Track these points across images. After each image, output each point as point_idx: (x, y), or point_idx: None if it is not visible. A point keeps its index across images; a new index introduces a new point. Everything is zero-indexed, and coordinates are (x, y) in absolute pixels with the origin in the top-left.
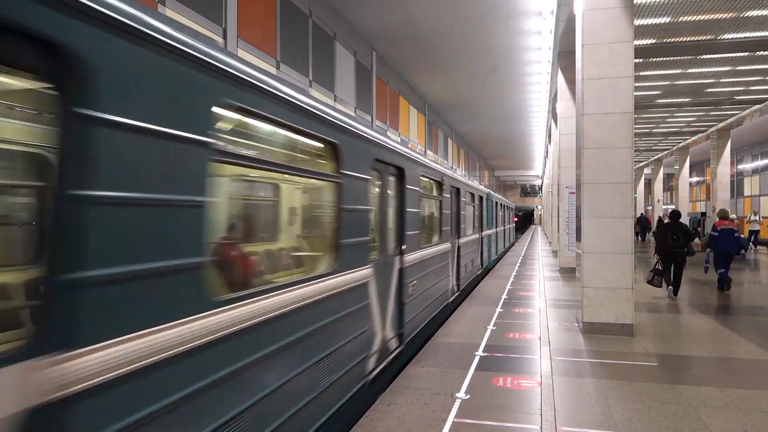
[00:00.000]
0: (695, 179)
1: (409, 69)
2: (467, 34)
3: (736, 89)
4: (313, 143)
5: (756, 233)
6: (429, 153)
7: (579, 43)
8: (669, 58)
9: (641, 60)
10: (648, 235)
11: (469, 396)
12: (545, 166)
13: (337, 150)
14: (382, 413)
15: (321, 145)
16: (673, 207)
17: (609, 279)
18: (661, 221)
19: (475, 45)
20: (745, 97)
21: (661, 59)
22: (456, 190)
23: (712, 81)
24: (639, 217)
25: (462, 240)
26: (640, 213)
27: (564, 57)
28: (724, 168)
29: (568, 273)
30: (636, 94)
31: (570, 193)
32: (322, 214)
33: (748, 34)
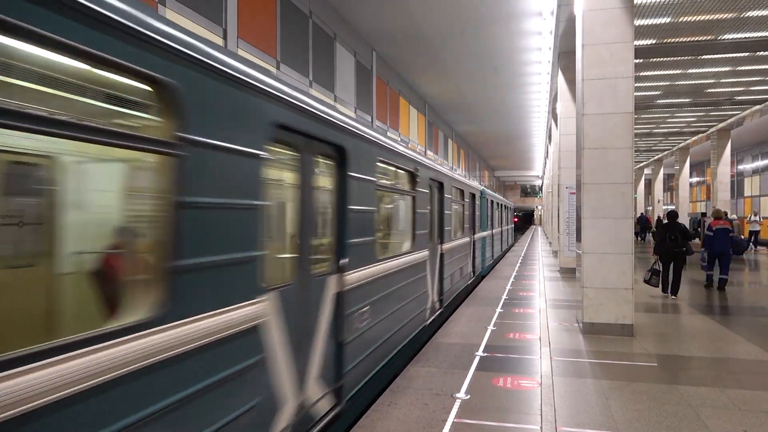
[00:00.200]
0: (695, 179)
1: (410, 69)
2: (467, 34)
3: (736, 89)
4: None
5: (756, 234)
6: (429, 153)
7: (579, 44)
8: (669, 58)
9: (641, 60)
10: (648, 235)
11: (470, 396)
12: (545, 166)
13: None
14: (382, 413)
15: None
16: (673, 207)
17: (609, 279)
18: (661, 221)
19: (476, 45)
20: (746, 98)
21: (662, 59)
22: (438, 184)
23: (712, 81)
24: (639, 217)
25: (447, 245)
26: (639, 213)
27: (564, 57)
28: (724, 168)
29: (568, 273)
30: (636, 94)
31: (570, 194)
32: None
33: (748, 34)
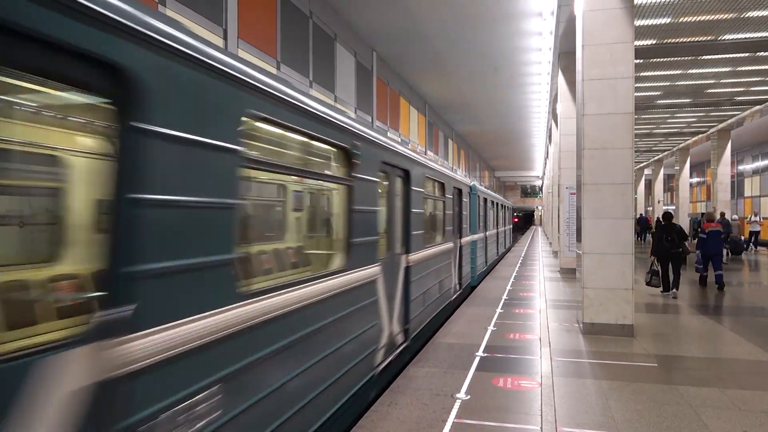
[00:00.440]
0: (696, 180)
1: (410, 70)
2: (468, 34)
3: (736, 90)
4: None
5: (756, 234)
6: (429, 153)
7: (579, 44)
8: (669, 58)
9: (642, 61)
10: (648, 236)
11: (470, 396)
12: (546, 166)
13: None
14: (382, 414)
15: None
16: (673, 208)
17: (609, 280)
18: (659, 222)
19: (476, 46)
20: (746, 98)
21: (662, 60)
22: (403, 173)
23: (712, 82)
24: (639, 218)
25: (417, 255)
26: (639, 214)
27: (564, 58)
28: (724, 169)
29: (568, 274)
30: (636, 94)
31: (570, 194)
32: None
33: (748, 34)
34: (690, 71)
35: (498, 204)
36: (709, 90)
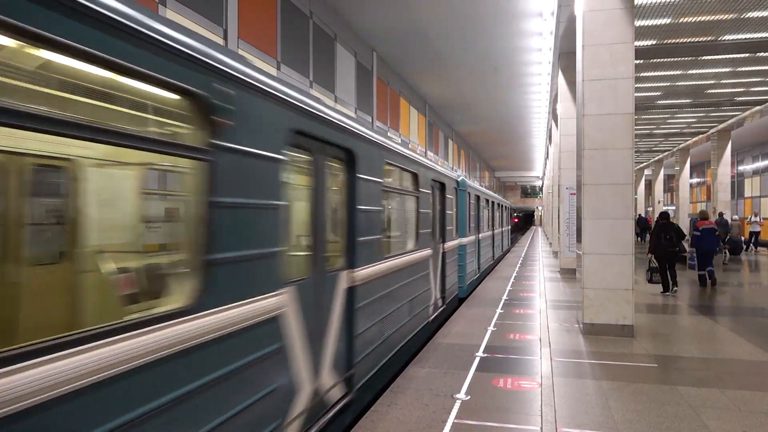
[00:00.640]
0: (696, 180)
1: (410, 70)
2: (468, 35)
3: (736, 90)
4: None
5: (756, 234)
6: (429, 154)
7: (579, 44)
8: (669, 59)
9: (642, 61)
10: (648, 236)
11: (470, 397)
12: (546, 167)
13: None
14: (382, 414)
15: None
16: (674, 208)
17: (609, 280)
18: (658, 221)
19: (476, 46)
20: (746, 99)
21: (662, 60)
22: (343, 153)
23: (712, 82)
24: (639, 218)
25: (366, 270)
26: (638, 214)
27: (564, 58)
28: (724, 169)
29: (568, 274)
30: (636, 95)
31: (570, 194)
32: None
33: (748, 35)
34: (690, 71)
35: (493, 203)
36: (710, 90)
